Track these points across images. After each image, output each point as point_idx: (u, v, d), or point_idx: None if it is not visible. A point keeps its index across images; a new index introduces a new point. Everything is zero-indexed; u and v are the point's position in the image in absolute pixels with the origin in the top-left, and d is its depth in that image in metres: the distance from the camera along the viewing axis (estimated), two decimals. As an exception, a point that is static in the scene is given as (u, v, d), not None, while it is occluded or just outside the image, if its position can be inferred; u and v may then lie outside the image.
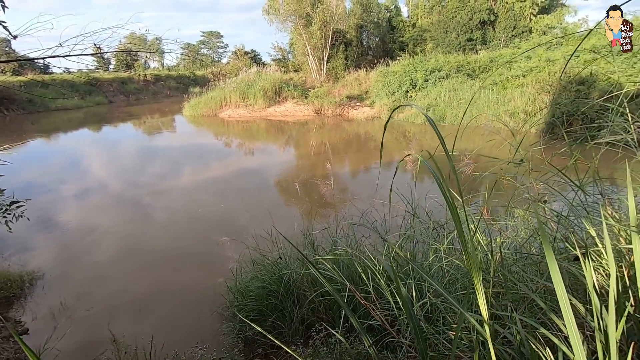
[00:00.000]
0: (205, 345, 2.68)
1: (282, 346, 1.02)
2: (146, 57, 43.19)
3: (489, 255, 1.51)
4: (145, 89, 35.65)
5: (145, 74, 36.86)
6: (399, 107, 1.19)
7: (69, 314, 3.83)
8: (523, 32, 22.68)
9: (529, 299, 1.31)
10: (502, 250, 1.58)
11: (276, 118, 18.62)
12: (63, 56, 2.34)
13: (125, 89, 33.75)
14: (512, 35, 22.67)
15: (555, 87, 12.25)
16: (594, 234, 1.09)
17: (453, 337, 1.11)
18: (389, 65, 19.34)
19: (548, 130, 10.68)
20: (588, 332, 0.92)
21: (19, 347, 3.32)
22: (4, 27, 2.45)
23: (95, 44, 2.57)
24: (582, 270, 0.99)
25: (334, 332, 1.34)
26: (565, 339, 0.86)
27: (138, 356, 2.36)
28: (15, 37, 2.48)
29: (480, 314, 0.79)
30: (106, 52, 2.82)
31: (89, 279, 4.59)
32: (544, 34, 21.05)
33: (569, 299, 0.65)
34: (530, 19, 23.19)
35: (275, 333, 3.04)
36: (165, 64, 50.22)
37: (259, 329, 1.10)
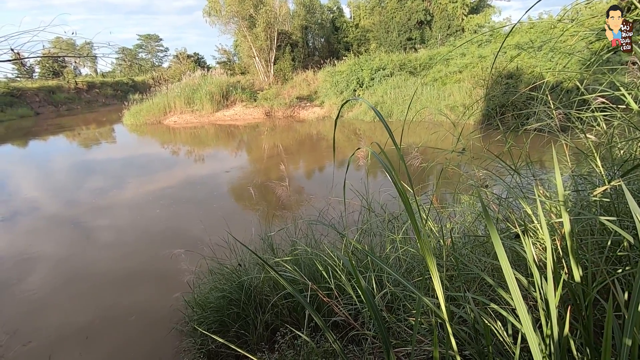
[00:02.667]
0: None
1: (247, 355, 0.98)
2: (76, 62, 39.79)
3: (441, 241, 1.60)
4: (77, 97, 32.81)
5: (77, 81, 33.94)
6: (347, 101, 1.21)
7: (1, 352, 3.41)
8: (457, 31, 24.32)
9: (479, 278, 1.40)
10: (452, 235, 1.67)
11: (225, 122, 18.13)
12: (-29, 63, 2.06)
13: (54, 98, 30.79)
14: (448, 34, 24.21)
15: (487, 81, 13.29)
16: (530, 212, 1.19)
17: (413, 322, 1.15)
18: (335, 65, 19.70)
19: (484, 120, 11.57)
20: (531, 303, 1.00)
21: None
22: None
23: (12, 49, 2.30)
24: (523, 247, 1.07)
25: (299, 334, 1.33)
26: (513, 312, 0.93)
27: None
28: None
29: (437, 298, 0.83)
30: (27, 58, 2.54)
31: (23, 311, 4.11)
32: (475, 32, 22.74)
33: (514, 274, 0.70)
34: (462, 19, 24.92)
35: (240, 342, 2.95)
36: (99, 70, 46.72)
37: (222, 341, 1.05)
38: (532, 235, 1.21)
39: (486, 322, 0.86)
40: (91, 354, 3.32)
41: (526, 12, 1.34)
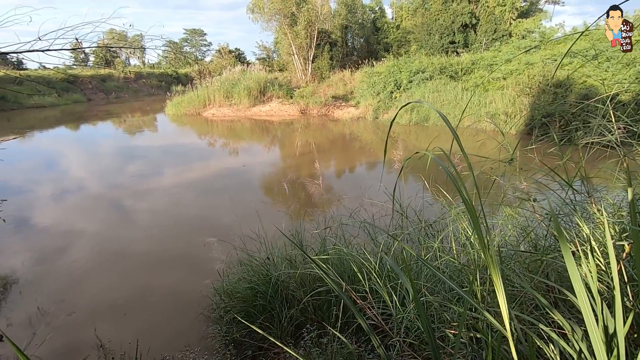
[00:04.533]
0: (197, 349, 2.62)
1: (278, 343, 0.99)
2: (130, 52, 42.13)
3: (481, 254, 1.53)
4: (126, 86, 34.74)
5: (130, 71, 35.97)
6: (408, 104, 1.18)
7: (48, 319, 3.68)
8: (503, 35, 23.28)
9: (521, 296, 1.33)
10: (499, 248, 1.60)
11: (261, 117, 18.48)
12: (42, 50, 2.24)
13: (105, 86, 32.80)
14: (493, 39, 23.24)
15: (534, 90, 12.62)
16: (587, 231, 1.12)
17: (451, 335, 1.12)
18: (373, 66, 19.50)
19: (528, 131, 11.01)
20: (583, 329, 0.94)
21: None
22: (-22, 19, 2.33)
23: (76, 39, 2.47)
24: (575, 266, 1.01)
25: (336, 333, 1.32)
26: (564, 336, 0.88)
27: (123, 361, 2.29)
28: (-11, 29, 2.36)
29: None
30: (88, 47, 2.72)
31: (68, 283, 4.42)
32: (523, 37, 21.66)
33: (584, 297, 0.65)
34: (510, 23, 23.82)
35: (264, 335, 3.00)
36: (147, 62, 49.14)
37: (254, 328, 1.07)
38: (585, 255, 1.14)
39: (538, 342, 0.81)
40: (126, 329, 3.51)
41: (598, 18, 1.25)
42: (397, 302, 1.57)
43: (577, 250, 0.97)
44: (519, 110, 12.43)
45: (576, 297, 0.81)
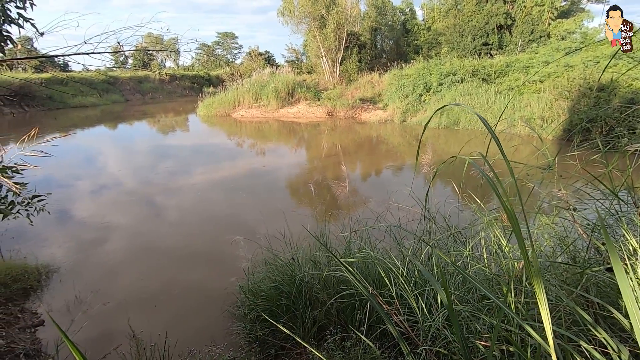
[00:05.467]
0: (223, 344, 2.68)
1: (302, 343, 1.00)
2: (166, 55, 43.97)
3: (515, 264, 1.47)
4: (160, 88, 36.23)
5: (165, 72, 37.58)
6: (444, 106, 1.17)
7: (85, 307, 3.88)
8: (541, 36, 22.29)
9: (557, 310, 1.26)
10: (535, 258, 1.53)
11: (288, 119, 18.68)
12: (87, 53, 2.38)
13: (142, 87, 34.36)
14: (530, 40, 22.31)
15: (573, 93, 11.98)
16: (635, 244, 1.04)
17: (481, 347, 1.07)
18: (402, 68, 19.24)
19: (565, 137, 10.46)
20: (629, 348, 0.88)
21: (36, 338, 3.38)
22: (32, 25, 2.51)
23: (118, 42, 2.61)
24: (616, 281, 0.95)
25: (363, 338, 1.31)
26: (605, 354, 0.82)
27: (154, 352, 2.38)
28: (42, 34, 2.54)
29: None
30: (128, 51, 2.86)
31: (102, 273, 4.65)
32: (563, 39, 20.65)
33: (637, 315, 0.61)
34: (549, 23, 22.79)
35: (287, 334, 3.02)
36: (180, 64, 50.97)
37: (280, 327, 1.08)
38: (633, 269, 1.06)
39: (578, 358, 0.77)
40: (155, 321, 3.65)
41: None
42: (425, 310, 1.53)
43: (626, 264, 0.90)
44: (557, 115, 11.84)
45: (622, 314, 0.76)
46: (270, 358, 2.89)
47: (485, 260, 1.76)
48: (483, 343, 1.07)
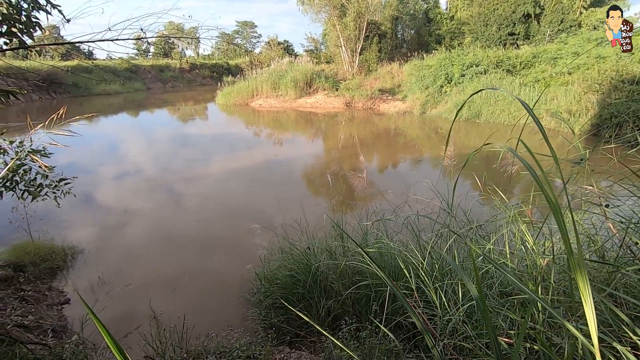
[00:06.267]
0: (239, 329, 2.74)
1: (319, 328, 0.99)
2: (187, 43, 44.45)
3: (540, 261, 1.42)
4: (181, 76, 36.71)
5: (187, 60, 38.07)
6: (479, 91, 1.13)
7: (108, 288, 4.03)
8: (571, 26, 21.30)
9: (580, 308, 1.21)
10: (554, 255, 1.47)
11: (306, 109, 18.62)
12: (112, 40, 2.41)
13: (163, 76, 34.90)
14: (559, 30, 21.36)
15: (604, 86, 11.43)
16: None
17: (504, 343, 1.05)
18: (423, 58, 18.79)
19: (594, 131, 10.02)
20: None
21: (62, 315, 3.54)
22: (59, 11, 2.56)
23: (142, 29, 2.63)
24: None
25: (383, 328, 1.30)
26: (637, 357, 0.78)
27: (173, 334, 2.45)
28: (68, 20, 2.59)
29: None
30: (151, 37, 2.88)
31: (124, 256, 4.81)
32: (595, 28, 19.66)
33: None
34: (581, 12, 21.73)
35: (302, 322, 3.06)
36: (200, 53, 51.44)
37: (298, 312, 1.08)
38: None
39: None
40: (174, 303, 3.75)
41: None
42: (446, 303, 1.51)
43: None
44: (585, 109, 11.34)
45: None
46: (284, 345, 2.93)
47: (508, 255, 1.72)
48: (507, 340, 1.04)
